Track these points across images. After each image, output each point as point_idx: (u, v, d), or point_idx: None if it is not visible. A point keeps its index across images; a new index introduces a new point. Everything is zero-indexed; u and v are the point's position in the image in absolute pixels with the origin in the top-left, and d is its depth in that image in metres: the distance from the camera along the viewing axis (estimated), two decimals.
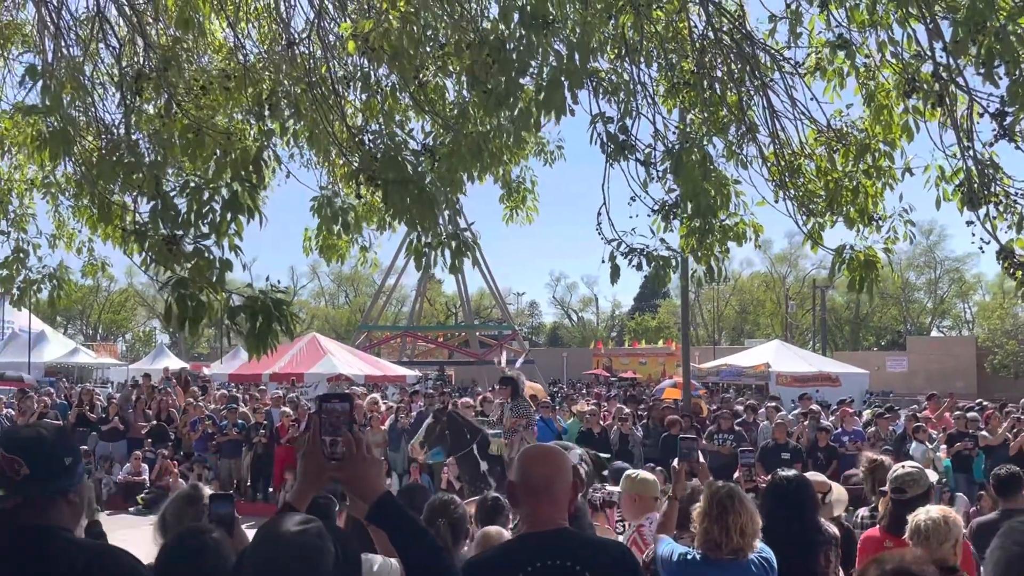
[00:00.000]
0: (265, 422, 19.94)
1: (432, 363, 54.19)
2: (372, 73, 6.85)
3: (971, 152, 6.00)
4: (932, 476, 6.71)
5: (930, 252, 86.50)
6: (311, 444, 2.95)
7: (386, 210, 6.53)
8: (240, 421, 19.96)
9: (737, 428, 17.69)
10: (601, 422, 18.22)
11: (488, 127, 6.73)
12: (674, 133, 6.95)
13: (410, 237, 6.83)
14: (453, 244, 6.57)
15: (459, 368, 54.63)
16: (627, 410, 19.09)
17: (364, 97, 7.07)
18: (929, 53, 5.83)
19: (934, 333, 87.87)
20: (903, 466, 6.52)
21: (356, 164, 6.51)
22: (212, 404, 22.89)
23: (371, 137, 6.72)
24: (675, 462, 5.95)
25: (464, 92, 7.00)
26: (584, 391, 35.65)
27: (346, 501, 4.62)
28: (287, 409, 20.31)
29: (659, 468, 10.92)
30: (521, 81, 5.95)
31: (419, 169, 6.11)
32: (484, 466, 13.88)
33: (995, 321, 76.38)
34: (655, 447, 17.13)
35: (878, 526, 6.47)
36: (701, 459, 6.25)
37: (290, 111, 6.70)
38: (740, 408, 20.91)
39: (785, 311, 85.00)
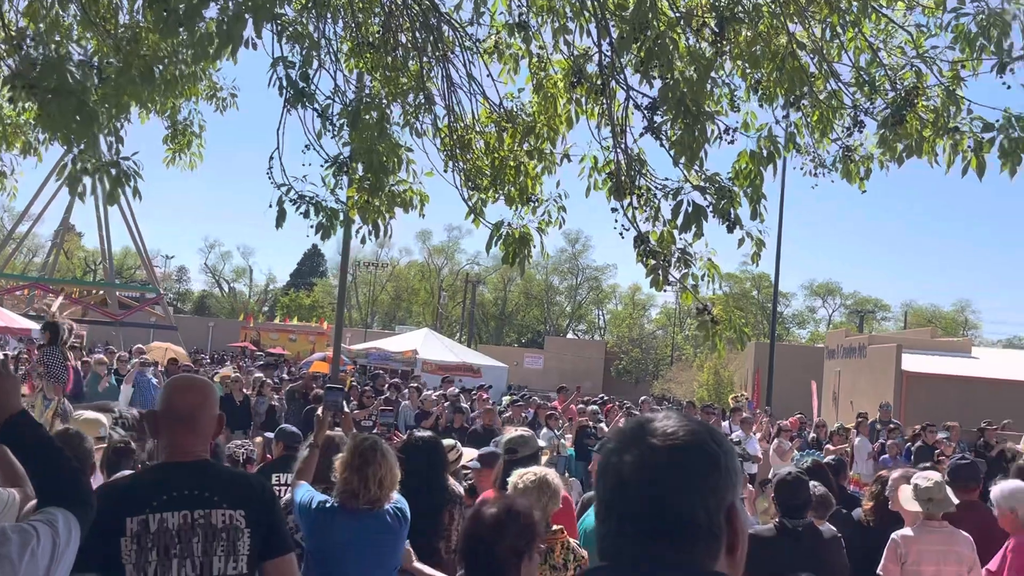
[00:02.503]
0: None
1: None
2: None
3: (623, 146, 6.56)
4: (542, 442, 7.25)
5: (574, 259, 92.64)
6: None
7: (42, 122, 6.01)
8: None
9: (383, 409, 18.04)
10: (245, 390, 17.90)
11: (162, 53, 6.42)
12: (354, 92, 7.01)
13: (64, 161, 6.34)
14: (113, 172, 6.16)
15: (94, 328, 51.24)
16: (268, 381, 18.90)
17: (27, 2, 6.49)
18: (597, 46, 6.30)
19: (569, 335, 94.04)
20: (516, 430, 7.05)
21: (12, 69, 5.96)
22: None
23: (31, 43, 6.17)
24: (319, 411, 6.01)
25: (139, 16, 6.64)
26: (227, 363, 34.73)
27: None
28: None
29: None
30: (205, 13, 5.73)
31: (83, 83, 5.69)
32: None
33: (624, 329, 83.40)
34: (297, 418, 17.06)
35: (492, 488, 6.89)
36: (346, 409, 6.36)
37: None
38: (384, 387, 21.36)
39: (437, 301, 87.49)
